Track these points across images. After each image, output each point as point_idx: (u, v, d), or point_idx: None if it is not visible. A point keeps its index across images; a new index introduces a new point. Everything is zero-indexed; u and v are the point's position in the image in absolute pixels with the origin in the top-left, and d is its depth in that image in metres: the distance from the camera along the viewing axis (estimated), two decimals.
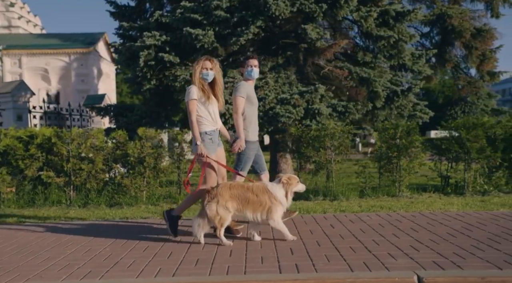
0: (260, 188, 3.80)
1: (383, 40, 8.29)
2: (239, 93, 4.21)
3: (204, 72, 3.97)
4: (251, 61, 4.29)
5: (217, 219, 3.66)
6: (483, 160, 7.01)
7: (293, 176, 4.00)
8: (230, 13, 7.53)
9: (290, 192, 3.82)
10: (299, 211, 5.26)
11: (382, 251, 3.42)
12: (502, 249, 3.41)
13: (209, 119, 3.97)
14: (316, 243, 3.76)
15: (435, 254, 3.31)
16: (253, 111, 4.32)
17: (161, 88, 8.82)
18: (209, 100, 3.94)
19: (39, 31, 28.25)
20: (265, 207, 3.73)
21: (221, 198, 3.67)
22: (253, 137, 4.30)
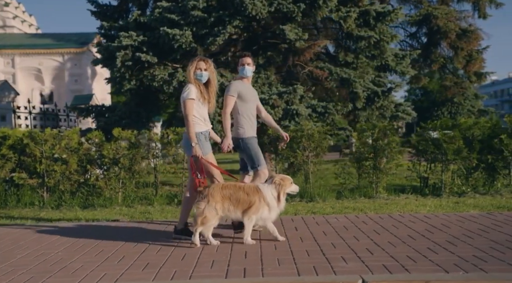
0: (252, 188, 3.76)
1: (363, 41, 8.26)
2: (229, 92, 4.21)
3: (198, 72, 3.92)
4: (244, 59, 4.29)
5: (200, 218, 3.61)
6: (460, 161, 6.99)
7: (287, 176, 3.94)
8: (207, 13, 7.48)
9: (283, 193, 3.77)
10: None
11: (336, 254, 3.38)
12: (456, 251, 3.37)
13: (202, 120, 3.94)
14: (273, 246, 3.71)
15: (388, 257, 3.28)
16: (247, 108, 4.28)
17: (141, 89, 8.76)
18: (204, 101, 3.90)
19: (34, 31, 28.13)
20: (251, 206, 3.69)
21: (212, 198, 3.63)
22: (250, 134, 4.27)
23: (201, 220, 3.62)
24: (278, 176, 3.86)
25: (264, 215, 3.73)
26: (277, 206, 3.76)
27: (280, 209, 3.83)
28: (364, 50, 8.85)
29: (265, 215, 3.73)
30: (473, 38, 11.91)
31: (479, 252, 3.33)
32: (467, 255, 3.27)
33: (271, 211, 3.75)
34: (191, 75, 3.91)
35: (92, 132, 7.15)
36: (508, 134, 6.97)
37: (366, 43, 8.33)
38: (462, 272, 2.88)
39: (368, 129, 7.12)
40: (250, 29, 9.25)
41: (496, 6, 13.57)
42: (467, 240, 3.73)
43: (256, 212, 3.69)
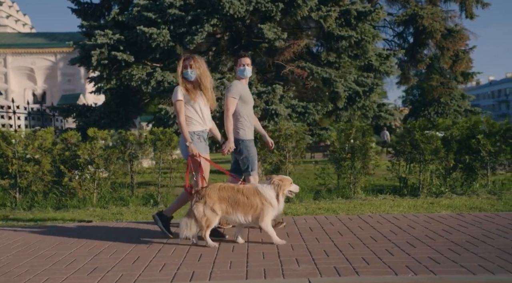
0: (251, 190, 3.69)
1: (344, 40, 8.21)
2: (230, 93, 4.13)
3: (184, 71, 3.86)
4: (243, 60, 4.23)
5: (203, 220, 3.56)
6: (437, 161, 6.95)
7: (286, 177, 3.89)
8: (185, 11, 7.41)
9: (282, 194, 3.71)
10: None
11: (291, 257, 3.32)
12: (413, 253, 3.32)
13: (197, 119, 3.86)
14: (231, 248, 3.65)
15: (343, 259, 3.22)
16: (247, 110, 4.24)
17: (122, 88, 8.69)
18: (195, 100, 3.82)
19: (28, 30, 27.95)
20: (256, 209, 3.62)
21: (209, 199, 3.58)
22: (250, 136, 4.23)
23: (205, 222, 3.58)
24: (277, 177, 3.81)
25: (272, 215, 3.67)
26: (277, 206, 3.71)
27: (279, 210, 3.77)
28: (346, 50, 8.81)
29: (272, 215, 3.68)
30: (459, 38, 11.89)
31: (436, 254, 3.28)
32: (423, 256, 3.22)
33: (274, 211, 3.70)
34: (178, 74, 3.86)
35: (67, 132, 7.06)
36: (485, 134, 6.94)
37: (347, 42, 8.28)
38: (412, 274, 2.83)
39: (345, 129, 7.08)
40: (233, 28, 9.21)
41: (482, 6, 13.58)
42: (427, 241, 3.68)
43: (267, 215, 3.63)
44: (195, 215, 3.59)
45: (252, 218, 3.64)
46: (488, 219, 4.59)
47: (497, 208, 5.41)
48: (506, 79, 63.40)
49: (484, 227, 4.21)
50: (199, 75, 3.87)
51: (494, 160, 7.08)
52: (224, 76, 8.00)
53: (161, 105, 7.56)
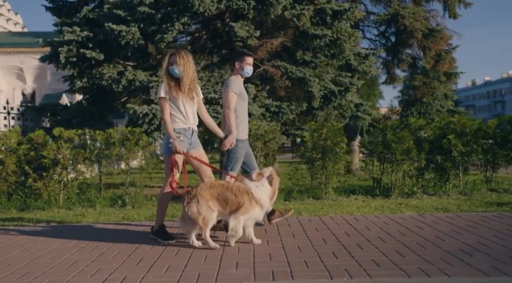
0: (241, 188, 3.59)
1: (318, 39, 8.13)
2: (231, 88, 4.05)
3: (170, 67, 3.78)
4: (249, 59, 4.19)
5: (200, 220, 3.45)
6: (409, 161, 6.89)
7: (271, 168, 3.80)
8: (155, 9, 7.29)
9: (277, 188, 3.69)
10: None
11: (233, 261, 3.23)
12: (358, 255, 3.25)
13: (179, 117, 3.77)
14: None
15: (284, 263, 3.13)
16: (244, 108, 4.17)
17: (95, 87, 8.54)
18: (177, 97, 3.73)
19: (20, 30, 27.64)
20: (240, 207, 3.54)
21: (201, 198, 3.49)
22: (243, 136, 4.14)
23: (201, 221, 3.48)
24: (268, 170, 3.72)
25: (254, 215, 3.60)
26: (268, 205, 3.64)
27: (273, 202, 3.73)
28: (323, 49, 8.73)
29: (256, 215, 3.61)
30: (440, 37, 11.85)
31: (380, 257, 3.21)
32: (366, 259, 3.15)
33: (262, 211, 3.63)
34: (163, 71, 3.80)
35: (35, 132, 6.93)
36: (456, 134, 6.89)
37: (322, 42, 8.20)
38: (347, 278, 2.75)
39: (317, 129, 7.00)
40: (211, 27, 9.10)
41: (465, 6, 13.55)
42: (377, 243, 3.61)
43: (245, 213, 3.54)
44: (190, 216, 3.50)
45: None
46: (448, 220, 4.54)
47: (462, 209, 5.36)
48: (502, 80, 63.74)
49: (440, 228, 4.15)
50: (183, 72, 3.77)
51: (466, 160, 7.04)
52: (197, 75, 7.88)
53: (129, 104, 7.43)
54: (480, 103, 67.74)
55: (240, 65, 4.17)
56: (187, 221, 3.56)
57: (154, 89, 7.40)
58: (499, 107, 61.48)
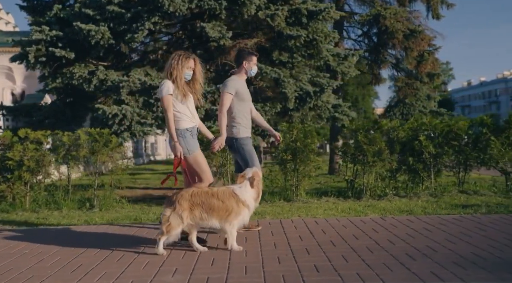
0: (226, 192, 3.51)
1: (293, 39, 8.06)
2: (227, 89, 3.99)
3: (187, 72, 3.70)
4: (255, 58, 4.15)
5: (165, 226, 3.39)
6: (380, 163, 6.85)
7: (254, 169, 3.71)
8: (125, 8, 7.19)
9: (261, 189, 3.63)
10: None
11: (170, 267, 3.15)
12: (301, 260, 3.19)
13: (188, 115, 3.71)
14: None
15: (224, 269, 3.06)
16: (244, 107, 4.10)
17: (69, 87, 8.41)
18: (185, 98, 3.68)
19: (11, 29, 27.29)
20: (231, 212, 3.45)
21: (179, 206, 3.39)
22: (244, 134, 4.08)
23: (166, 227, 3.39)
24: (251, 170, 3.65)
25: (245, 217, 3.53)
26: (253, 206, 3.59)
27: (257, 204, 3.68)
28: (300, 49, 8.66)
29: (245, 218, 3.54)
30: (421, 38, 11.85)
31: (324, 261, 3.14)
32: (307, 265, 3.08)
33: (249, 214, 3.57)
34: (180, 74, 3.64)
35: (4, 133, 6.81)
36: (427, 136, 6.87)
37: (297, 42, 8.14)
38: None
39: (288, 131, 6.95)
40: (188, 27, 9.01)
41: (447, 7, 13.59)
42: (326, 247, 3.55)
43: (237, 217, 3.47)
44: (161, 218, 3.46)
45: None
46: (407, 223, 4.49)
47: (427, 211, 5.32)
48: (497, 80, 64.00)
49: (396, 231, 4.10)
50: (198, 76, 3.78)
51: (437, 162, 7.02)
52: None
53: (98, 104, 7.32)
54: (475, 103, 68.07)
55: (248, 65, 4.13)
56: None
57: (125, 89, 7.30)
58: (494, 108, 61.79)
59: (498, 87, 63.50)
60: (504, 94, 61.43)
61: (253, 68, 4.15)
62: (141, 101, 7.40)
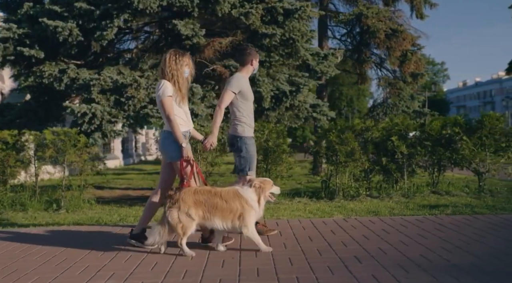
0: (230, 192, 3.42)
1: (268, 38, 7.97)
2: (230, 87, 3.85)
3: (186, 70, 3.58)
4: (258, 56, 4.07)
5: (179, 227, 3.27)
6: (352, 164, 6.78)
7: (267, 179, 3.62)
8: (94, 5, 7.05)
9: (264, 197, 3.46)
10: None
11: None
12: (245, 264, 3.08)
13: (184, 119, 3.60)
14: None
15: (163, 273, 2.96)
16: (248, 107, 3.97)
17: (43, 86, 8.24)
18: (183, 100, 3.57)
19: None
20: (236, 213, 3.33)
21: (183, 203, 3.29)
22: (249, 133, 3.95)
23: (181, 229, 3.27)
24: (258, 179, 3.55)
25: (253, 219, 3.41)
26: (258, 210, 3.45)
27: (259, 214, 3.51)
28: (277, 48, 8.57)
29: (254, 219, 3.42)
30: (402, 38, 11.81)
31: (265, 265, 3.05)
32: (249, 268, 2.99)
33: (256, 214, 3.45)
34: (178, 73, 3.52)
35: None
36: (399, 136, 6.80)
37: (273, 41, 8.04)
38: None
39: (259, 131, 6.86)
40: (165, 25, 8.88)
41: (430, 7, 13.59)
42: (277, 251, 3.44)
43: (249, 219, 3.35)
44: (170, 222, 3.29)
45: (231, 223, 3.35)
46: (368, 224, 4.41)
47: (394, 212, 5.26)
48: (492, 80, 64.24)
49: (353, 233, 4.01)
50: (190, 74, 3.66)
51: (411, 162, 6.96)
52: (143, 74, 7.67)
53: (67, 103, 7.18)
54: (471, 104, 68.40)
55: (256, 64, 4.04)
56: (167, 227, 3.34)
57: (96, 87, 7.16)
58: (489, 108, 62.09)
59: (493, 87, 63.80)
60: (499, 94, 61.69)
61: (257, 66, 4.08)
62: (112, 100, 7.25)
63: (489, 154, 6.80)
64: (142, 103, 7.28)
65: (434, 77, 55.70)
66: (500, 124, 6.72)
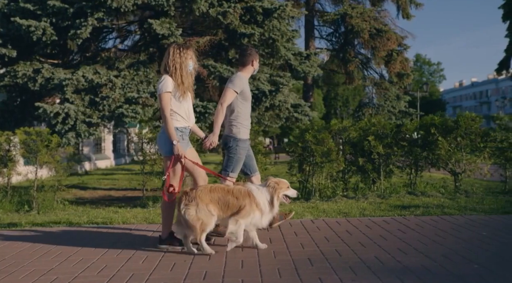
0: (242, 191, 3.40)
1: (246, 38, 7.91)
2: (233, 86, 3.81)
3: (190, 63, 3.51)
4: (257, 56, 4.04)
5: (198, 224, 3.23)
6: (328, 164, 6.74)
7: (283, 180, 3.56)
8: (68, 3, 6.96)
9: (277, 197, 3.42)
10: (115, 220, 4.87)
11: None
12: (196, 266, 3.02)
13: (182, 115, 3.53)
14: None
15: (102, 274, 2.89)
16: (246, 108, 3.94)
17: (19, 86, 8.13)
18: (184, 95, 3.49)
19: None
20: (241, 210, 3.33)
21: (201, 201, 3.25)
22: (244, 136, 3.90)
23: (200, 226, 3.23)
24: (274, 179, 3.50)
25: (255, 220, 3.37)
26: (269, 211, 3.40)
27: (273, 214, 3.47)
28: (258, 48, 8.51)
29: (256, 220, 3.38)
30: (386, 38, 11.80)
31: (215, 269, 2.99)
32: (199, 271, 2.92)
33: (263, 217, 3.39)
34: (182, 67, 3.46)
35: None
36: (376, 136, 6.77)
37: (251, 40, 7.99)
38: None
39: None
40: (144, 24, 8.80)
41: (416, 7, 13.60)
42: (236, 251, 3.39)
43: (246, 217, 3.31)
44: (187, 221, 3.25)
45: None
46: (334, 226, 4.36)
47: (365, 213, 5.21)
48: (488, 81, 64.44)
49: (316, 235, 3.96)
50: (193, 68, 3.60)
51: (387, 162, 6.92)
52: (120, 74, 7.59)
53: (39, 103, 7.08)
54: (467, 104, 68.68)
55: (256, 64, 4.01)
56: (184, 225, 3.32)
57: (70, 87, 7.06)
58: (485, 108, 62.30)
59: (489, 87, 64.03)
60: (495, 94, 61.97)
61: (256, 66, 4.03)
62: (87, 100, 7.16)
63: (465, 154, 6.78)
64: (118, 103, 7.20)
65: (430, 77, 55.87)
66: (475, 125, 6.70)
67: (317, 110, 31.49)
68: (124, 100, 7.23)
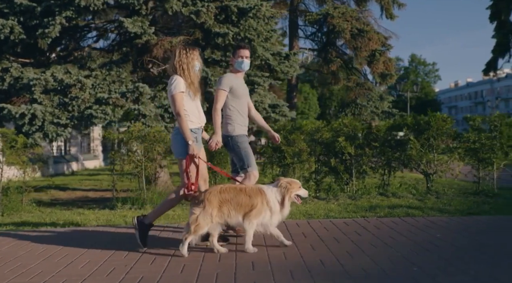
0: (254, 189, 3.40)
1: (220, 37, 7.84)
2: (220, 85, 3.86)
3: (197, 64, 3.49)
4: (242, 51, 3.95)
5: (193, 226, 3.24)
6: (299, 165, 6.69)
7: (295, 180, 3.53)
8: (36, 2, 6.84)
9: (289, 198, 3.39)
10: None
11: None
12: (147, 270, 2.94)
13: (195, 115, 3.53)
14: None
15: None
16: (239, 105, 3.92)
17: None
18: (196, 95, 3.48)
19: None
20: (253, 209, 3.32)
21: (209, 204, 3.25)
22: (240, 131, 3.89)
23: (194, 227, 3.23)
24: (285, 179, 3.47)
25: (265, 220, 3.33)
26: (279, 211, 3.36)
27: (284, 215, 3.43)
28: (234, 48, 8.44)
29: (266, 220, 3.33)
30: (368, 38, 11.79)
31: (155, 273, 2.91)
32: (136, 276, 2.84)
33: (272, 216, 3.35)
34: (189, 67, 3.45)
35: None
36: (346, 137, 6.72)
37: (226, 40, 7.91)
38: None
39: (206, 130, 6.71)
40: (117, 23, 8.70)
41: (398, 7, 13.63)
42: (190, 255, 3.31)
43: (258, 216, 3.28)
44: (189, 218, 3.28)
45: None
46: (292, 228, 4.29)
47: (330, 215, 5.16)
48: (483, 81, 64.62)
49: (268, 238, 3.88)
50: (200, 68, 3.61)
51: (359, 163, 6.88)
52: (91, 74, 7.47)
53: (3, 104, 6.94)
54: (462, 104, 68.91)
55: (232, 59, 3.98)
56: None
57: (38, 87, 6.94)
58: (480, 109, 62.50)
59: (484, 88, 64.28)
60: (490, 95, 62.21)
61: (238, 61, 3.93)
62: (56, 100, 7.04)
63: (437, 155, 6.76)
64: (87, 104, 7.09)
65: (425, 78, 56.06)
66: (447, 125, 6.68)
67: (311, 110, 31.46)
68: (94, 101, 7.12)
